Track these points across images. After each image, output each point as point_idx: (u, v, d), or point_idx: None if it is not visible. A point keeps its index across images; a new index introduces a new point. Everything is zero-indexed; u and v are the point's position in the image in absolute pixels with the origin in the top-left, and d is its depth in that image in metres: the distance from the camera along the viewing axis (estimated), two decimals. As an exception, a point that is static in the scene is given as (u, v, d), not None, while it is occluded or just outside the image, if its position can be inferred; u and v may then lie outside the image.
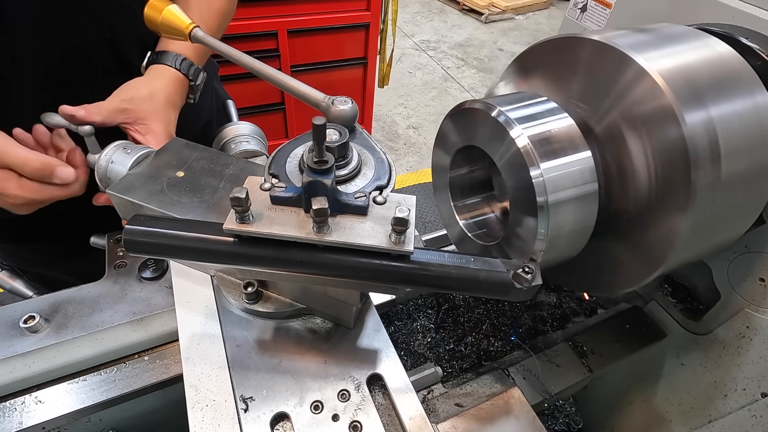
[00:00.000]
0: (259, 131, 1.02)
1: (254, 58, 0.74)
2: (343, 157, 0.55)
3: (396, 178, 0.58)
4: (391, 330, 0.89)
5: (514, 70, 0.72)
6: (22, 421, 0.65)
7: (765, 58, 0.62)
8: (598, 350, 0.86)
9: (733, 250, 0.73)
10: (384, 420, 0.58)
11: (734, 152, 0.52)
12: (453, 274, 0.49)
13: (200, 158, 0.77)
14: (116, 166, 0.74)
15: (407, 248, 0.47)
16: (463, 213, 0.79)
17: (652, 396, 0.94)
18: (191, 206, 0.69)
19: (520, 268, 0.48)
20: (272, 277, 0.59)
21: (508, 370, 0.82)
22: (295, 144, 0.60)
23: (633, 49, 0.53)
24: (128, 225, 0.50)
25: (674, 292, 0.88)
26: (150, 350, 0.73)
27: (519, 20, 5.52)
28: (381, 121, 3.78)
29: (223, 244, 0.49)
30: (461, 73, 4.48)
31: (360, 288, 0.56)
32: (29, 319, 0.69)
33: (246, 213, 0.47)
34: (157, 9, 0.76)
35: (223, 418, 0.56)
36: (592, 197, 0.59)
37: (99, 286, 0.76)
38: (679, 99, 0.50)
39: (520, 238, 0.62)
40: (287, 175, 0.56)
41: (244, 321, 0.67)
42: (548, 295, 0.99)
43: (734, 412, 0.80)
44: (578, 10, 1.17)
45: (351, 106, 0.64)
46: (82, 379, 0.69)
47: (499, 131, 0.59)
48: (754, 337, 0.74)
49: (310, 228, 0.48)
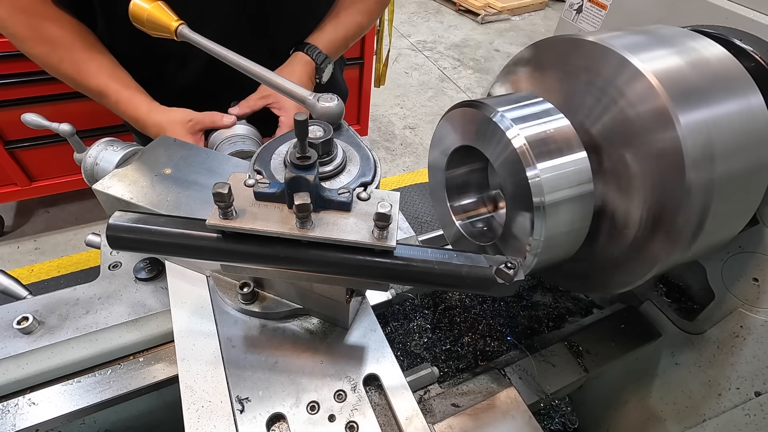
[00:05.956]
0: (255, 132, 1.02)
1: (242, 56, 0.74)
2: (328, 153, 0.55)
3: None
4: (387, 330, 0.89)
5: (510, 71, 0.72)
6: (15, 423, 0.64)
7: (758, 59, 0.63)
8: (594, 350, 0.87)
9: (727, 250, 0.73)
10: (380, 420, 0.57)
11: (728, 153, 0.53)
12: (436, 270, 0.49)
13: (188, 156, 0.77)
14: (103, 164, 0.74)
15: (389, 244, 0.47)
16: (459, 213, 0.79)
17: (647, 395, 0.95)
18: (178, 203, 0.69)
19: (503, 264, 0.48)
20: (257, 274, 0.60)
21: (504, 370, 0.82)
22: (281, 141, 0.61)
23: (628, 50, 0.53)
24: (111, 221, 0.50)
25: (669, 292, 0.89)
26: (145, 351, 0.72)
27: (515, 21, 5.53)
28: (377, 122, 3.78)
29: (206, 240, 0.49)
30: (457, 73, 4.49)
31: (345, 284, 0.57)
32: (23, 320, 0.69)
33: (229, 209, 0.47)
34: (142, 7, 0.76)
35: (218, 419, 0.56)
36: (587, 198, 0.59)
37: (93, 287, 0.76)
38: (674, 100, 0.50)
39: (516, 238, 0.62)
40: (272, 171, 0.56)
41: (240, 321, 0.66)
42: (544, 295, 1.00)
43: (728, 411, 0.80)
44: (574, 12, 1.17)
45: (336, 103, 0.64)
46: (77, 381, 0.69)
47: (495, 132, 0.59)
48: (748, 336, 0.75)
49: (293, 224, 0.48)
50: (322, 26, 1.14)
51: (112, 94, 0.97)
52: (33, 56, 0.95)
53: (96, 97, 0.99)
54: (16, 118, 0.98)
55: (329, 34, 1.13)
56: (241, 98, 1.05)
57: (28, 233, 2.60)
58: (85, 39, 0.96)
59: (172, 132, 0.95)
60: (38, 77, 2.00)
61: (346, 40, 1.17)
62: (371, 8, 1.19)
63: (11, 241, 2.55)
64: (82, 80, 0.96)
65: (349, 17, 1.15)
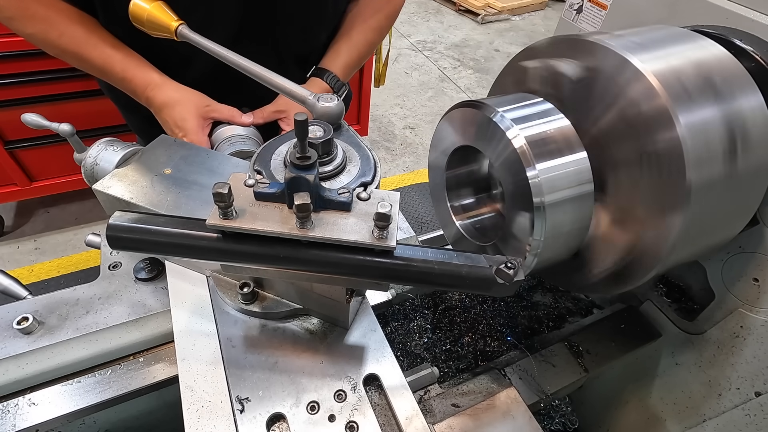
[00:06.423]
0: (255, 132, 1.02)
1: (241, 56, 0.74)
2: (328, 153, 0.55)
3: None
4: (387, 330, 0.89)
5: (511, 71, 0.72)
6: (15, 423, 0.64)
7: (759, 59, 0.63)
8: (594, 350, 0.87)
9: (727, 251, 0.73)
10: (380, 420, 0.57)
11: (728, 153, 0.53)
12: (436, 270, 0.49)
13: (188, 156, 0.77)
14: (103, 164, 0.74)
15: (389, 244, 0.47)
16: (459, 213, 0.79)
17: (647, 395, 0.95)
18: (178, 203, 0.69)
19: (503, 264, 0.48)
20: (257, 274, 0.60)
21: (504, 370, 0.82)
22: (281, 141, 0.61)
23: (628, 50, 0.53)
24: (111, 221, 0.50)
25: (669, 292, 0.89)
26: (145, 351, 0.72)
27: (515, 21, 5.53)
28: (377, 122, 3.78)
29: (206, 240, 0.49)
30: (457, 73, 4.49)
31: (345, 284, 0.57)
32: (23, 320, 0.69)
33: (229, 209, 0.47)
34: (142, 7, 0.76)
35: (218, 419, 0.56)
36: (587, 198, 0.59)
37: (93, 287, 0.76)
38: (674, 100, 0.50)
39: (516, 238, 0.62)
40: (272, 171, 0.56)
41: (240, 321, 0.66)
42: (544, 296, 0.99)
43: (728, 411, 0.80)
44: (574, 12, 1.17)
45: (336, 103, 0.64)
46: (77, 381, 0.69)
47: (495, 132, 0.59)
48: (748, 336, 0.75)
49: (293, 224, 0.48)
50: (337, 48, 1.13)
51: (117, 63, 0.94)
52: (31, 35, 0.91)
53: (99, 70, 0.95)
54: (16, 118, 0.97)
55: (344, 58, 1.12)
56: (248, 103, 1.05)
57: (28, 233, 2.60)
58: (83, 16, 0.93)
59: (182, 110, 0.93)
60: (38, 77, 2.00)
61: (360, 61, 1.18)
62: (382, 24, 1.19)
63: (11, 241, 2.55)
64: (83, 53, 0.92)
65: (362, 37, 1.15)
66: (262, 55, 0.82)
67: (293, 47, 1.11)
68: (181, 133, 0.94)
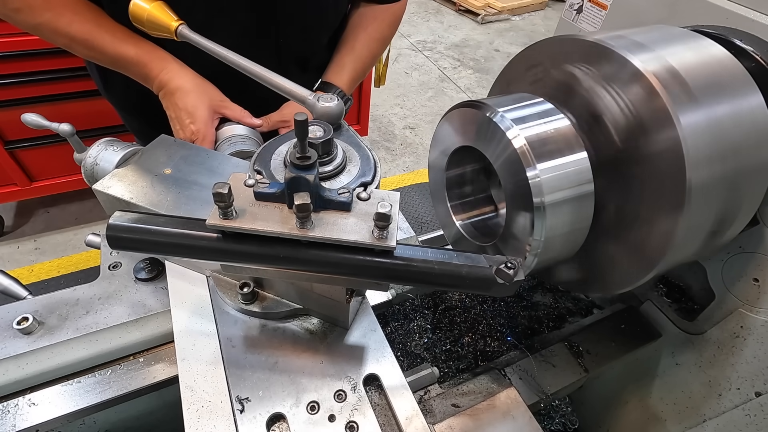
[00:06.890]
0: (256, 132, 1.02)
1: (241, 56, 0.74)
2: (328, 153, 0.55)
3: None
4: (387, 331, 0.89)
5: (511, 71, 0.72)
6: (15, 423, 0.64)
7: (759, 59, 0.63)
8: (594, 350, 0.87)
9: (727, 251, 0.73)
10: (380, 420, 0.57)
11: (728, 153, 0.53)
12: (436, 270, 0.49)
13: (188, 156, 0.77)
14: (103, 164, 0.74)
15: (389, 244, 0.47)
16: (459, 213, 0.79)
17: (647, 395, 0.95)
18: (178, 203, 0.69)
19: (503, 264, 0.48)
20: (257, 274, 0.60)
21: (504, 371, 0.82)
22: (281, 141, 0.61)
23: (628, 50, 0.53)
24: (111, 221, 0.50)
25: (669, 292, 0.89)
26: (145, 351, 0.72)
27: (515, 21, 5.53)
28: (377, 122, 3.78)
29: (206, 240, 0.49)
30: (458, 73, 4.49)
31: (345, 284, 0.57)
32: (23, 320, 0.69)
33: (229, 209, 0.47)
34: (142, 7, 0.76)
35: (218, 419, 0.56)
36: (588, 198, 0.59)
37: (93, 288, 0.76)
38: (674, 100, 0.50)
39: (516, 238, 0.62)
40: (272, 171, 0.56)
41: (240, 321, 0.66)
42: (544, 296, 0.99)
43: (728, 412, 0.80)
44: (574, 12, 1.17)
45: (336, 103, 0.64)
46: (77, 381, 0.69)
47: (495, 132, 0.59)
48: (748, 336, 0.75)
49: (293, 224, 0.48)
50: (341, 61, 1.13)
51: (131, 47, 0.92)
52: (39, 25, 0.89)
53: (111, 57, 0.93)
54: (16, 118, 0.97)
55: (349, 72, 1.12)
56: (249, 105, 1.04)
57: (28, 233, 2.60)
58: (90, 5, 0.92)
59: (195, 98, 0.92)
60: (38, 77, 2.00)
61: (364, 72, 1.19)
62: (384, 33, 1.19)
63: (11, 241, 2.55)
64: (95, 40, 0.91)
65: (365, 49, 1.16)
66: (262, 55, 0.82)
67: (293, 48, 1.11)
68: (189, 119, 0.92)
